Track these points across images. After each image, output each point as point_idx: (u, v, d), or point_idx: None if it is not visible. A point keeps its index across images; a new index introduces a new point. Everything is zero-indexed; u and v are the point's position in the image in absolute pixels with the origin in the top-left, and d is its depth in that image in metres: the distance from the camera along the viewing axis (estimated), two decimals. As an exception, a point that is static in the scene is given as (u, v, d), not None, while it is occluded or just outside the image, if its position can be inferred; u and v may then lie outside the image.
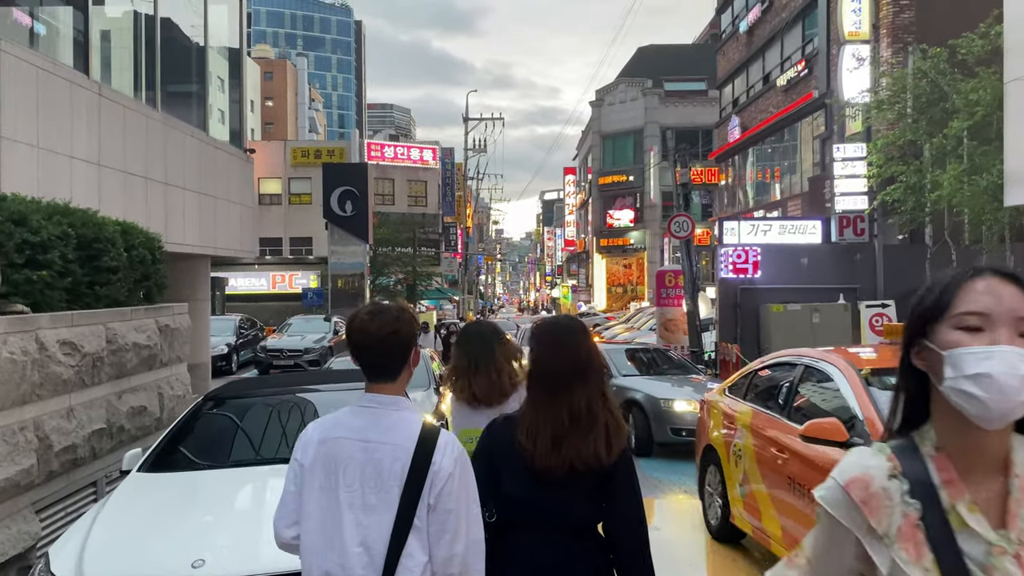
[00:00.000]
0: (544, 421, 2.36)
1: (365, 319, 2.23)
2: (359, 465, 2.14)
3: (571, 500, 2.34)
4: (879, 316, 14.64)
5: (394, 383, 2.25)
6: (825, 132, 22.70)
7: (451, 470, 2.13)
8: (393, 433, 2.17)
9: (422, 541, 2.11)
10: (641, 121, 45.84)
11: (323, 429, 2.24)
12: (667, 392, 10.83)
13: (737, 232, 18.22)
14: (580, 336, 2.50)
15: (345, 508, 2.13)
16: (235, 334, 22.19)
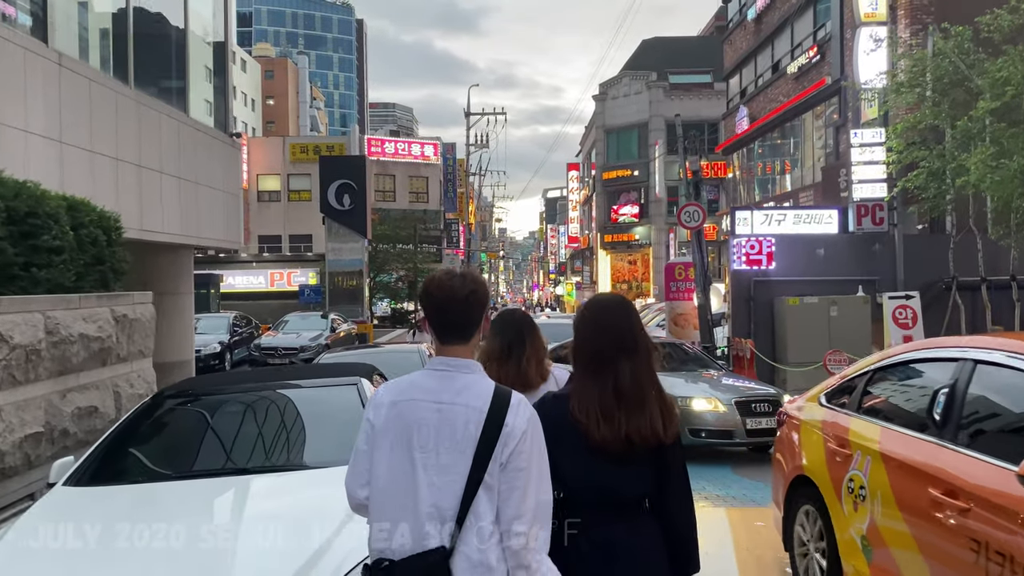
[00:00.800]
0: (591, 396, 2.38)
1: (444, 278, 2.27)
2: (433, 426, 2.15)
3: (628, 475, 2.36)
4: (903, 308, 13.84)
5: (466, 345, 2.27)
6: (839, 119, 21.88)
7: (524, 429, 2.15)
8: (466, 394, 2.18)
9: (492, 500, 2.12)
10: (646, 115, 45.00)
11: (396, 391, 2.24)
12: (684, 390, 9.89)
13: (750, 222, 17.42)
14: (625, 312, 2.52)
15: (420, 469, 2.13)
16: (229, 332, 21.50)
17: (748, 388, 10.42)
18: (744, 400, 9.59)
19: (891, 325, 13.76)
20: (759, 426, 9.37)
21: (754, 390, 10.27)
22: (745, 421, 9.36)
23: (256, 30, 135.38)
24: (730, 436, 9.41)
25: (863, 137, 16.96)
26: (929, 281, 16.42)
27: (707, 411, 9.42)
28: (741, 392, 9.96)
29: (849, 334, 15.98)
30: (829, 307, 16.11)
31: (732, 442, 9.51)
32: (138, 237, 9.20)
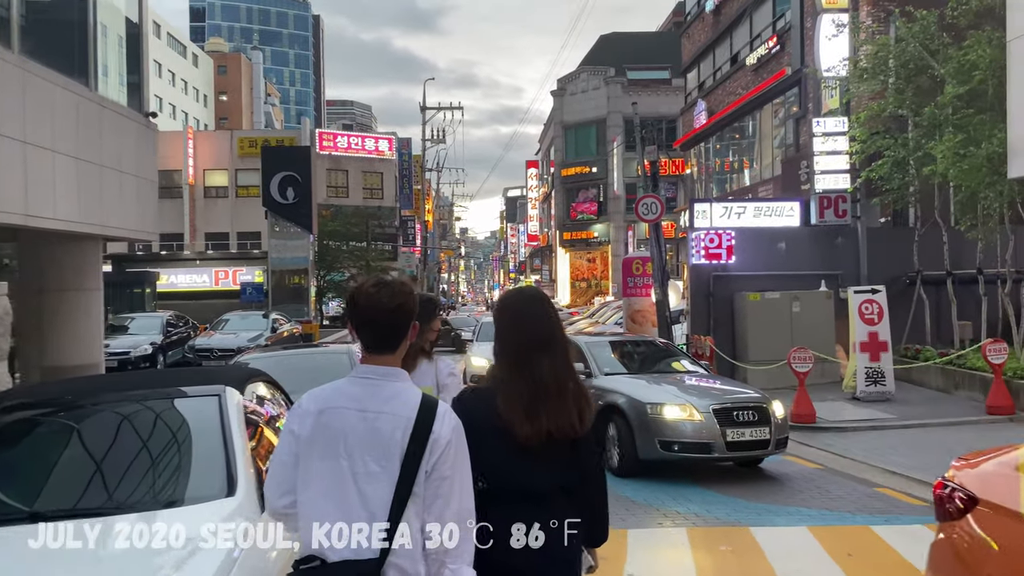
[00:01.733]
0: (514, 391, 2.41)
1: (372, 291, 2.25)
2: (360, 434, 2.15)
3: (551, 467, 2.40)
4: (869, 303, 13.21)
5: (393, 355, 2.27)
6: (799, 111, 21.34)
7: (449, 438, 2.18)
8: (393, 403, 2.20)
9: (419, 508, 2.14)
10: (604, 111, 44.39)
11: (322, 400, 2.22)
12: (655, 395, 8.54)
13: (709, 215, 16.72)
14: (542, 307, 2.55)
15: (348, 477, 2.14)
16: (162, 332, 20.26)
17: (728, 392, 9.04)
18: (724, 407, 8.23)
19: (857, 321, 13.12)
20: (742, 438, 8.08)
21: (735, 394, 8.89)
22: (725, 432, 8.00)
23: (210, 25, 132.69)
24: (708, 450, 8.07)
25: (825, 126, 16.37)
26: (893, 275, 15.89)
27: (680, 419, 8.11)
28: (720, 397, 8.56)
29: (812, 330, 15.36)
30: (791, 302, 15.48)
31: (711, 456, 8.19)
32: (22, 224, 8.08)
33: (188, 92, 79.50)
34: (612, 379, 9.21)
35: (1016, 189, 12.50)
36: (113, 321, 21.72)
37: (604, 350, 10.18)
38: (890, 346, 13.17)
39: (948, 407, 12.29)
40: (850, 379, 13.67)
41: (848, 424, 11.48)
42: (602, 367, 9.49)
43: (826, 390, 14.35)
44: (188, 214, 42.24)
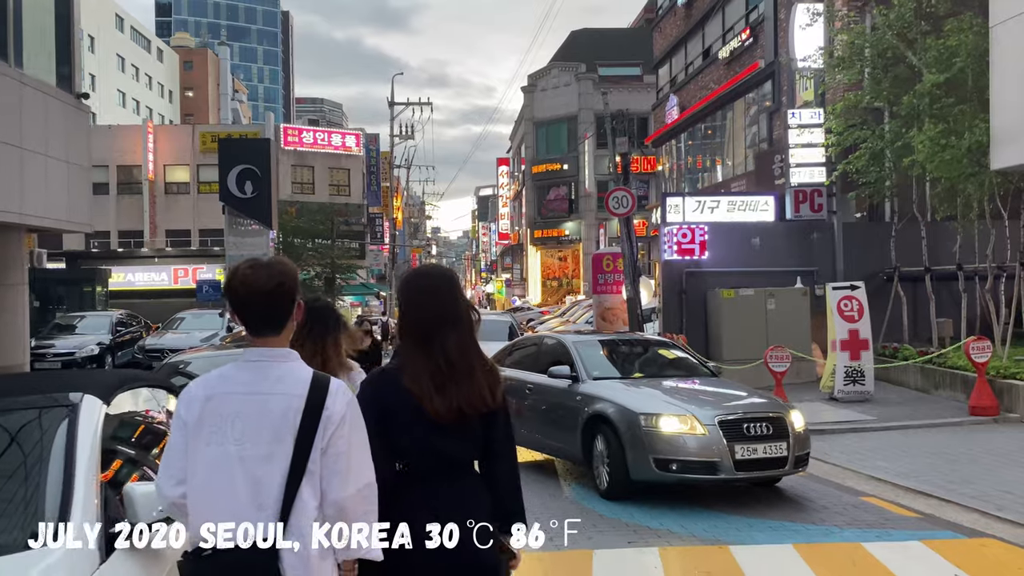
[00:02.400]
0: (422, 368, 2.37)
1: (248, 272, 2.17)
2: (250, 418, 2.10)
3: (462, 442, 2.40)
4: (848, 300, 12.70)
5: (279, 336, 2.20)
6: (773, 104, 20.89)
7: (343, 413, 2.14)
8: (283, 383, 2.14)
9: (315, 486, 2.10)
10: (575, 107, 43.83)
11: (209, 385, 2.17)
12: (651, 403, 7.25)
13: (681, 209, 16.18)
14: (448, 284, 2.51)
15: (236, 462, 2.08)
16: (111, 332, 19.29)
17: (737, 399, 7.66)
18: (733, 418, 6.97)
19: (836, 318, 12.61)
20: (753, 455, 6.82)
21: (746, 402, 7.54)
22: (734, 448, 6.76)
23: (176, 20, 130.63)
24: (713, 470, 6.81)
25: (801, 118, 15.88)
26: (870, 271, 15.44)
27: (680, 433, 6.87)
28: (727, 407, 7.28)
29: (787, 329, 14.86)
30: (766, 300, 14.97)
31: (716, 478, 6.89)
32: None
33: (152, 87, 77.81)
34: (602, 384, 7.93)
35: (998, 181, 12.07)
36: (60, 320, 20.71)
37: (593, 350, 8.85)
38: (871, 344, 12.67)
39: (930, 408, 11.80)
40: (828, 379, 13.16)
41: (827, 426, 10.93)
42: (591, 370, 8.17)
43: (803, 390, 13.84)
44: (148, 210, 41.00)
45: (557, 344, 9.14)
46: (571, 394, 7.99)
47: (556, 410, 8.29)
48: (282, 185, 44.08)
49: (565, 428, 8.02)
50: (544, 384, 8.48)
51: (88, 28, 65.00)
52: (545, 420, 8.46)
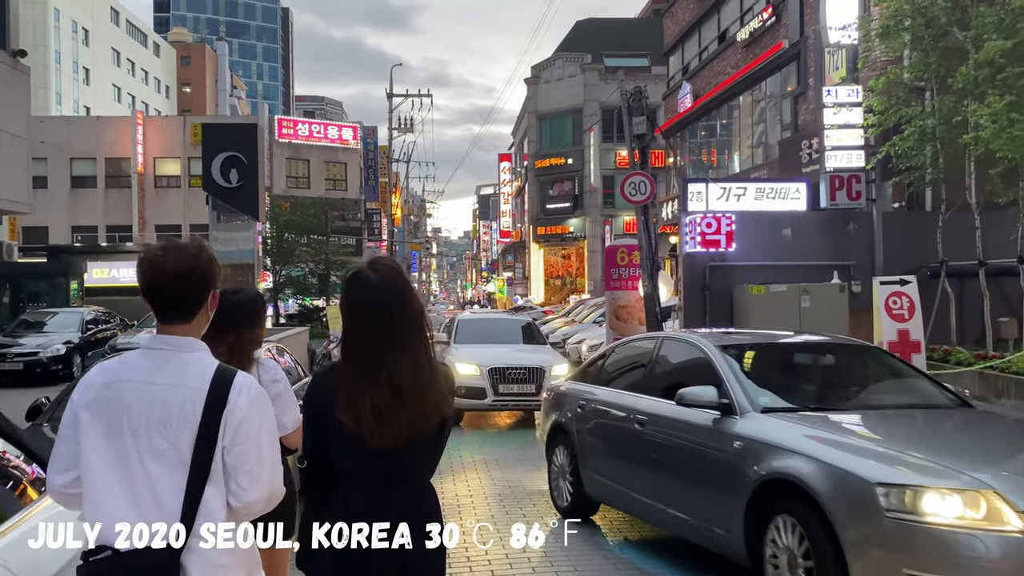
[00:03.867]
0: (364, 396, 2.14)
1: (158, 254, 2.07)
2: (146, 408, 1.98)
3: (414, 459, 2.24)
4: (898, 296, 11.19)
5: (189, 324, 2.09)
6: (799, 87, 19.39)
7: (247, 409, 2.01)
8: (184, 375, 2.02)
9: (219, 487, 1.99)
10: (580, 99, 42.30)
11: (108, 372, 2.06)
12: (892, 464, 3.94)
13: (704, 196, 14.66)
14: (400, 296, 2.21)
15: (132, 455, 1.96)
16: (80, 330, 17.79)
17: None
18: None
19: (884, 317, 11.10)
20: None
21: None
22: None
23: (174, 16, 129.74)
24: None
25: (837, 96, 14.36)
26: (912, 266, 13.90)
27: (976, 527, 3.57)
28: None
29: (823, 328, 13.36)
30: (800, 296, 13.47)
31: None
32: None
33: (148, 82, 76.56)
34: (780, 424, 4.57)
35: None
36: (29, 317, 19.24)
37: (757, 361, 5.63)
38: (923, 346, 11.17)
39: (997, 420, 10.28)
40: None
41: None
42: (755, 397, 4.88)
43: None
44: (137, 205, 39.52)
45: (690, 347, 5.81)
46: (722, 436, 4.75)
47: (692, 462, 5.04)
48: (276, 179, 42.61)
49: (711, 495, 4.80)
50: (669, 416, 5.27)
51: (82, 21, 63.68)
52: (673, 476, 5.25)
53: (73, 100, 61.74)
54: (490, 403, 11.34)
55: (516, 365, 11.46)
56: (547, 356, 12.35)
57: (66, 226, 38.98)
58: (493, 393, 11.23)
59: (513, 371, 11.35)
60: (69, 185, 39.60)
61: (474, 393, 11.23)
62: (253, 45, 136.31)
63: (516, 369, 11.37)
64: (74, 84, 63.33)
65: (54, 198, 39.23)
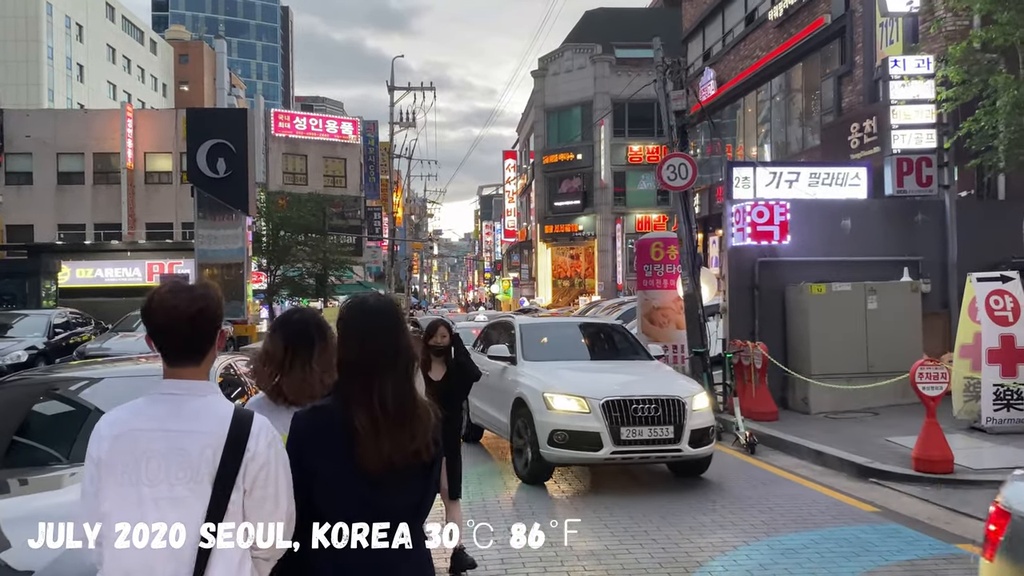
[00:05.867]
0: (357, 415, 2.16)
1: (167, 296, 2.04)
2: (163, 457, 1.96)
3: (400, 494, 2.21)
4: (1000, 295, 9.40)
5: (198, 367, 2.06)
6: (843, 66, 17.59)
7: (267, 455, 2.01)
8: (201, 420, 2.00)
9: (235, 530, 1.99)
10: (590, 92, 40.50)
11: (118, 422, 2.01)
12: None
13: (752, 182, 12.88)
14: (388, 322, 2.29)
15: (149, 504, 1.94)
16: (47, 334, 15.99)
17: None
18: None
19: (984, 320, 9.30)
20: None
21: None
22: None
23: (173, 14, 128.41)
24: None
25: (905, 66, 12.54)
26: (990, 261, 12.09)
27: None
28: None
29: (894, 334, 11.55)
30: (866, 296, 11.67)
31: None
32: None
33: (145, 80, 74.91)
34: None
35: None
36: (-8, 319, 17.45)
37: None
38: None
39: None
40: (963, 401, 9.84)
41: (989, 474, 7.65)
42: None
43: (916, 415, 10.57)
44: (127, 201, 37.71)
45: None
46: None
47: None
48: (272, 175, 40.84)
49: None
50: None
51: (76, 16, 62.01)
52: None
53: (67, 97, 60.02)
54: (608, 456, 7.51)
55: (641, 395, 7.67)
56: (677, 381, 8.52)
57: (52, 224, 37.21)
58: (613, 441, 7.44)
59: (639, 405, 7.56)
60: (55, 181, 37.84)
61: (581, 440, 7.50)
62: (253, 44, 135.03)
63: (643, 402, 7.59)
64: (67, 81, 61.65)
65: (39, 195, 37.49)
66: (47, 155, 37.37)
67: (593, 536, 6.21)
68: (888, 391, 10.99)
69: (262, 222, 31.01)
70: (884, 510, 6.94)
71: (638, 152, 39.97)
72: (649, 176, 40.93)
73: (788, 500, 7.25)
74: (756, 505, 7.09)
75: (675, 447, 7.56)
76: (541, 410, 7.78)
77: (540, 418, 7.74)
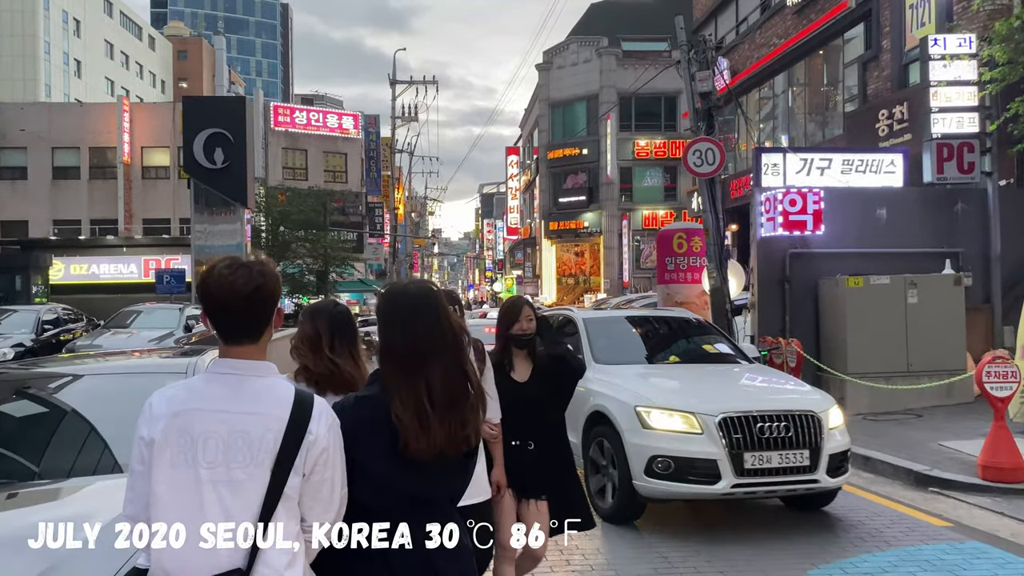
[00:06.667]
0: (404, 404, 2.10)
1: (225, 273, 1.96)
2: (222, 439, 1.89)
3: (443, 483, 2.16)
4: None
5: (256, 345, 2.00)
6: (869, 51, 16.85)
7: (327, 439, 1.97)
8: (262, 402, 1.94)
9: (292, 513, 1.93)
10: (596, 85, 39.69)
11: (175, 400, 1.93)
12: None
13: (781, 169, 12.14)
14: (432, 306, 2.21)
15: (207, 487, 1.88)
16: (35, 331, 15.25)
17: None
18: None
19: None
20: None
21: None
22: None
23: (172, 11, 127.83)
24: None
25: (945, 45, 11.80)
26: (1037, 255, 11.47)
27: None
28: None
29: (936, 329, 10.81)
30: (906, 290, 10.94)
31: None
32: None
33: (144, 76, 74.16)
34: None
35: None
36: (-19, 316, 16.70)
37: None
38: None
39: None
40: (1022, 404, 9.10)
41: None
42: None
43: (963, 417, 9.87)
44: (123, 197, 36.97)
45: None
46: None
47: None
48: (272, 170, 40.07)
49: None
50: None
51: (73, 11, 61.21)
52: None
53: (64, 93, 59.24)
54: (727, 490, 5.75)
55: (768, 410, 5.94)
56: (802, 390, 6.81)
57: (47, 220, 36.49)
58: (734, 471, 5.71)
59: (768, 424, 5.83)
60: (50, 176, 37.12)
61: (691, 470, 5.80)
62: (252, 41, 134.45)
63: (771, 419, 5.86)
64: (64, 76, 60.87)
65: (34, 190, 36.77)
66: (42, 149, 36.64)
67: (638, 559, 5.46)
68: (932, 391, 10.29)
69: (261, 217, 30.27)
70: (957, 524, 6.20)
71: (645, 147, 39.19)
72: (656, 171, 40.14)
73: (847, 512, 6.50)
74: (810, 520, 6.35)
75: (811, 476, 5.87)
76: (634, 429, 5.99)
77: (633, 440, 5.95)
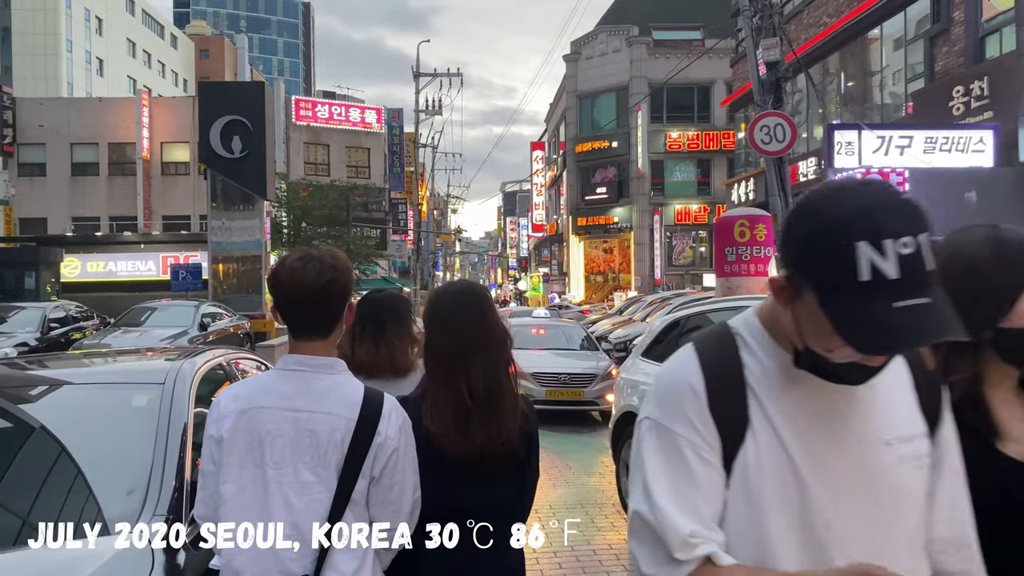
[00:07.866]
0: (444, 403, 2.08)
1: (296, 265, 1.92)
2: (289, 438, 1.84)
3: (485, 489, 2.08)
4: None
5: (326, 341, 1.95)
6: (938, 25, 15.50)
7: (398, 439, 1.90)
8: (330, 401, 1.88)
9: (361, 516, 1.87)
10: (626, 76, 38.42)
11: (243, 398, 1.90)
12: None
13: (856, 148, 10.86)
14: (476, 305, 2.17)
15: (273, 488, 1.82)
16: (41, 329, 14.35)
17: None
18: None
19: None
20: None
21: None
22: None
23: (194, 10, 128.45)
24: None
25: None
26: None
27: None
28: None
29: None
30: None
31: None
32: None
33: (166, 75, 73.95)
34: None
35: None
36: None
37: None
38: None
39: None
40: None
41: None
42: None
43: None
44: (142, 193, 36.24)
45: None
46: None
47: None
48: (293, 165, 39.22)
49: None
50: None
51: (95, 9, 60.91)
52: None
53: (86, 91, 58.93)
54: None
55: None
56: None
57: (66, 217, 35.84)
58: None
59: None
60: (69, 172, 36.47)
61: None
62: (274, 40, 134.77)
63: None
64: (87, 74, 60.66)
65: (53, 186, 36.13)
66: (61, 145, 36.00)
67: None
68: None
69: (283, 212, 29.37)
70: None
71: (677, 139, 37.86)
72: (689, 164, 38.82)
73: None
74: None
75: None
76: None
77: None
